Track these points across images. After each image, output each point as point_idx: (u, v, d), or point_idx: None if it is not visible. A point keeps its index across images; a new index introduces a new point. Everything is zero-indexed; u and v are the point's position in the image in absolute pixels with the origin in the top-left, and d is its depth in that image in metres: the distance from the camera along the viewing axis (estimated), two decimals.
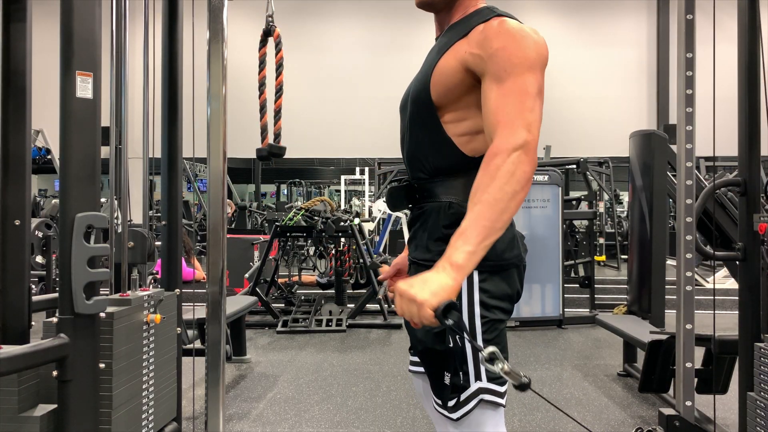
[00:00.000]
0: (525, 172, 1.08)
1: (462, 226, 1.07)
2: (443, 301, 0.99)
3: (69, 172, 1.40)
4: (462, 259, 1.04)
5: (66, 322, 1.39)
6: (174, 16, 2.09)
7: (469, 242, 1.04)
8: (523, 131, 1.10)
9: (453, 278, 1.03)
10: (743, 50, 2.28)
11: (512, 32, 1.16)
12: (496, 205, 1.06)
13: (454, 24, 1.31)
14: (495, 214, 1.06)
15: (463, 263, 1.04)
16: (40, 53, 2.08)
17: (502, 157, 1.08)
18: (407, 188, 1.35)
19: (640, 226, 4.76)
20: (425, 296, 1.00)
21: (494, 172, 1.07)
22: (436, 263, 1.06)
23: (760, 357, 2.06)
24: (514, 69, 1.13)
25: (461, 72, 1.21)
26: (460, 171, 1.25)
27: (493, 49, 1.15)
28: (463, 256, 1.04)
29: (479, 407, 1.21)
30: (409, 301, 1.02)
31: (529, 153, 1.09)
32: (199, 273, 6.59)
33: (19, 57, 1.61)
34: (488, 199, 1.06)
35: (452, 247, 1.06)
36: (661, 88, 11.48)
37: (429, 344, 1.24)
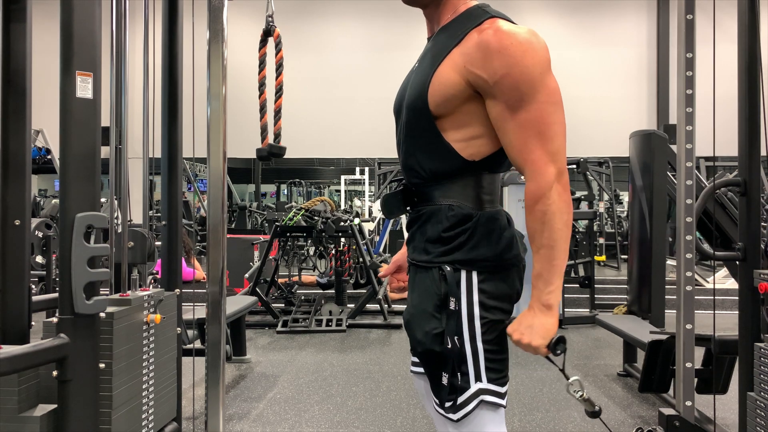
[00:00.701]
0: (566, 201, 1.16)
1: (536, 270, 1.18)
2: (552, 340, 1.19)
3: (69, 172, 1.40)
4: (550, 300, 1.18)
5: (66, 322, 1.39)
6: (174, 16, 2.09)
7: (550, 283, 1.18)
8: (550, 166, 1.15)
9: (551, 316, 1.19)
10: (743, 50, 2.27)
11: (511, 49, 1.13)
12: (556, 244, 1.16)
13: (445, 25, 1.29)
14: (559, 251, 1.17)
15: (552, 302, 1.19)
16: (40, 53, 2.08)
17: (543, 202, 1.15)
18: (404, 192, 1.34)
19: (640, 226, 4.76)
20: (538, 342, 1.18)
21: (542, 218, 1.16)
22: (530, 305, 1.20)
23: (760, 357, 2.06)
24: (524, 97, 1.14)
25: (462, 85, 1.19)
26: (459, 175, 1.25)
27: (498, 75, 1.14)
28: (550, 296, 1.18)
29: (480, 408, 1.21)
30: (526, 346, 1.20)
31: (561, 181, 1.16)
32: (199, 273, 6.59)
33: (19, 57, 1.62)
34: (548, 243, 1.16)
35: (537, 290, 1.19)
36: (661, 88, 11.47)
37: (428, 345, 1.24)
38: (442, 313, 1.23)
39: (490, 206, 1.26)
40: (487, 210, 1.25)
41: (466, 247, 1.22)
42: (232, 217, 12.73)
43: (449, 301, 1.21)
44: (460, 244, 1.22)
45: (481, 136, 1.22)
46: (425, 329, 1.24)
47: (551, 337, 1.18)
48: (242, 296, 4.97)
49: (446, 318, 1.22)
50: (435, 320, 1.23)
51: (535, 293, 1.19)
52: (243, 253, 6.89)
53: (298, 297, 6.10)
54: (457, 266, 1.22)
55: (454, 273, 1.22)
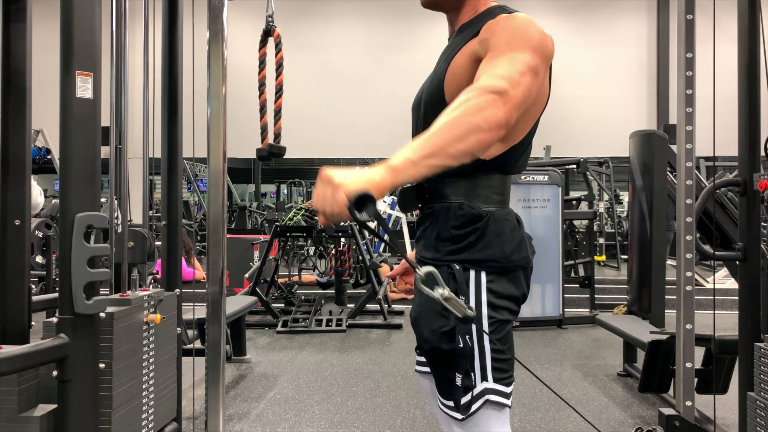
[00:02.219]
0: (495, 116, 1.03)
1: (414, 140, 1.03)
2: (361, 189, 0.92)
3: (69, 172, 1.40)
4: (398, 162, 0.99)
5: (66, 322, 1.39)
6: (174, 16, 2.08)
7: (413, 151, 1.00)
8: (505, 82, 1.06)
9: (381, 175, 0.97)
10: (743, 50, 2.27)
11: (519, 19, 1.18)
12: (453, 128, 1.01)
13: (465, 24, 1.31)
14: (450, 136, 1.01)
15: (398, 166, 0.99)
16: (40, 53, 2.08)
17: (475, 93, 1.05)
18: (417, 188, 1.35)
19: (640, 226, 4.76)
20: (343, 180, 0.94)
21: (463, 102, 1.04)
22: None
23: (760, 357, 2.06)
24: (513, 41, 1.14)
25: (472, 67, 1.20)
26: (471, 173, 1.25)
27: (498, 28, 1.17)
28: (402, 160, 0.99)
29: (485, 408, 1.21)
30: (325, 183, 0.96)
31: (506, 104, 1.04)
32: (199, 273, 6.59)
33: (19, 57, 1.61)
34: (447, 121, 1.02)
35: (396, 154, 1.01)
36: (661, 88, 11.48)
37: (435, 343, 1.24)
38: (450, 312, 1.23)
39: (501, 206, 1.27)
40: (497, 210, 1.25)
41: (475, 247, 1.22)
42: (232, 217, 12.73)
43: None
44: (470, 244, 1.22)
45: None
46: (432, 327, 1.24)
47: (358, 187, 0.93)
48: (242, 296, 4.97)
49: (455, 317, 1.22)
50: (443, 318, 1.23)
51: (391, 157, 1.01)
52: (243, 253, 6.89)
53: (298, 297, 6.10)
54: (466, 265, 1.22)
55: (463, 272, 1.22)
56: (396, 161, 0.99)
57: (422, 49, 10.64)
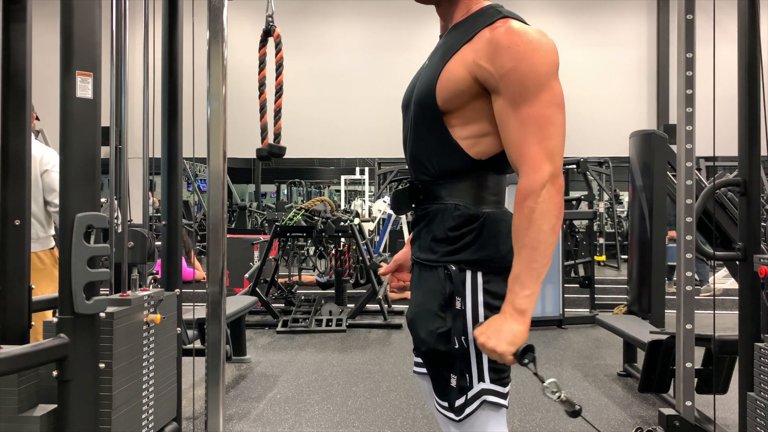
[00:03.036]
0: (556, 204, 1.13)
1: (515, 271, 1.14)
2: (520, 347, 1.12)
3: (69, 172, 1.40)
4: (524, 305, 1.12)
5: (66, 322, 1.39)
6: (174, 16, 2.08)
7: (526, 287, 1.12)
8: (546, 164, 1.13)
9: (522, 323, 1.12)
10: (743, 50, 2.27)
11: (521, 46, 1.13)
12: (539, 246, 1.12)
13: (458, 23, 1.29)
14: (541, 254, 1.12)
15: (526, 307, 1.13)
16: (40, 53, 2.08)
17: (533, 198, 1.12)
18: (411, 190, 1.34)
19: (640, 226, 4.76)
20: (503, 348, 1.11)
21: (530, 215, 1.12)
22: (502, 309, 1.15)
23: (760, 357, 2.06)
24: (528, 93, 1.13)
25: (469, 81, 1.19)
26: (465, 174, 1.24)
27: (505, 69, 1.13)
28: (525, 301, 1.12)
29: (482, 408, 1.21)
30: (490, 351, 1.13)
31: (555, 183, 1.13)
32: (199, 273, 6.59)
33: (19, 57, 1.61)
34: (532, 243, 1.12)
35: (512, 293, 1.14)
36: (661, 88, 11.47)
37: (432, 344, 1.24)
38: (447, 313, 1.22)
39: (496, 207, 1.26)
40: (493, 211, 1.24)
41: (472, 247, 1.22)
42: (232, 217, 12.73)
43: (454, 301, 1.21)
44: (466, 245, 1.22)
45: (488, 135, 1.22)
46: (429, 328, 1.24)
47: (519, 345, 1.11)
48: (242, 296, 4.97)
49: (452, 318, 1.21)
50: (439, 319, 1.23)
51: (509, 296, 1.14)
52: (243, 253, 6.89)
53: (298, 297, 6.09)
54: (462, 266, 1.22)
55: (459, 273, 1.22)
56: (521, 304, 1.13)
57: (423, 49, 10.58)
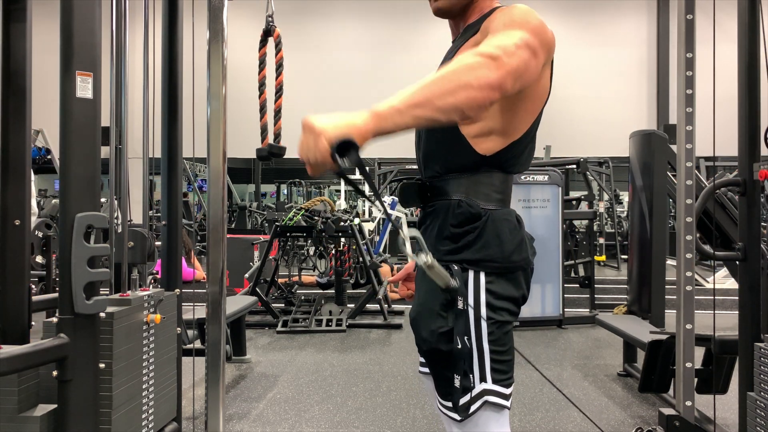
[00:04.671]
0: (486, 76, 1.00)
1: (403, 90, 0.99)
2: (343, 135, 0.90)
3: (69, 172, 1.40)
4: (383, 109, 0.96)
5: (66, 322, 1.39)
6: (174, 16, 2.09)
7: (400, 100, 0.97)
8: (498, 50, 1.03)
9: (364, 120, 0.94)
10: (743, 50, 2.27)
11: (519, 7, 1.19)
12: (443, 82, 0.98)
13: (470, 24, 1.32)
14: (438, 89, 0.98)
15: (382, 112, 0.96)
16: (40, 53, 2.08)
17: (468, 55, 1.03)
18: (419, 186, 1.35)
19: (640, 226, 4.76)
20: (325, 126, 0.92)
21: (456, 63, 1.02)
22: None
23: (760, 357, 2.06)
24: (511, 23, 1.14)
25: None
26: (472, 170, 1.25)
27: (496, 16, 1.20)
28: (387, 107, 0.97)
29: (483, 409, 1.21)
30: (307, 131, 0.93)
31: (499, 68, 1.01)
32: (199, 273, 6.59)
33: (19, 57, 1.61)
34: (437, 77, 0.99)
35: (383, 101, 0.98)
36: (661, 88, 11.47)
37: (434, 344, 1.24)
38: (449, 313, 1.22)
39: (501, 206, 1.26)
40: (497, 209, 1.25)
41: (474, 246, 1.22)
42: (232, 217, 12.73)
43: (456, 300, 1.21)
44: (468, 243, 1.22)
45: (495, 131, 1.23)
46: (431, 328, 1.24)
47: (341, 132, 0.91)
48: (242, 296, 4.97)
49: (454, 317, 1.21)
50: (441, 319, 1.23)
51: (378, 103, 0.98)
52: (243, 253, 6.89)
53: (298, 297, 6.09)
54: (465, 266, 1.22)
55: (462, 272, 1.21)
56: (381, 108, 0.96)
57: (423, 49, 10.65)
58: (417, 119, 0.97)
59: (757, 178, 2.13)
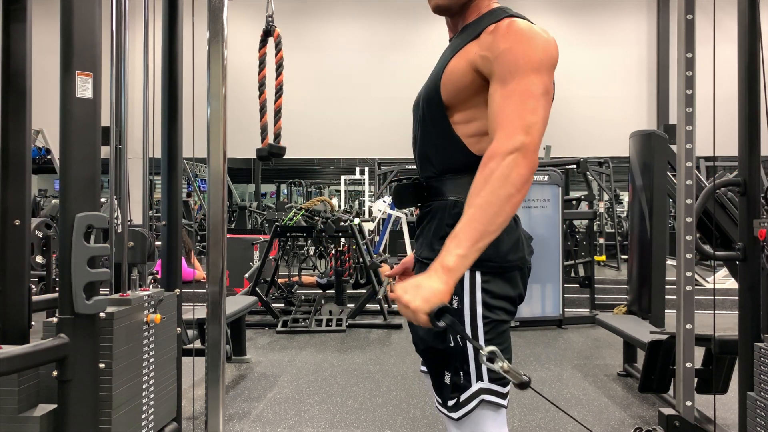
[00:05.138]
0: (521, 175, 1.07)
1: (455, 229, 1.08)
2: (435, 306, 1.02)
3: (69, 172, 1.40)
4: (453, 262, 1.05)
5: (66, 322, 1.39)
6: (174, 16, 2.09)
7: (461, 245, 1.06)
8: (520, 134, 1.09)
9: (444, 282, 1.04)
10: (743, 50, 2.27)
11: (520, 33, 1.16)
12: (488, 208, 1.06)
13: (467, 25, 1.31)
14: (487, 217, 1.06)
15: (454, 266, 1.05)
16: (40, 53, 2.08)
17: (497, 160, 1.08)
18: (415, 187, 1.35)
19: (640, 226, 4.76)
20: (417, 303, 1.03)
21: (488, 176, 1.08)
22: (429, 266, 1.09)
23: (760, 357, 2.06)
24: (519, 70, 1.14)
25: (470, 73, 1.21)
26: (468, 170, 1.25)
27: (500, 50, 1.16)
28: (455, 259, 1.05)
29: (480, 407, 1.21)
30: (403, 307, 1.05)
31: (527, 155, 1.08)
32: (199, 273, 6.59)
33: (19, 57, 1.62)
34: (481, 203, 1.07)
35: (445, 250, 1.07)
36: (661, 88, 11.47)
37: (430, 343, 1.24)
38: None
39: None
40: None
41: None
42: (232, 217, 12.73)
43: (452, 300, 1.21)
44: None
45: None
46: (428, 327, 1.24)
47: (435, 304, 1.02)
48: (242, 296, 4.97)
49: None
50: None
51: (441, 253, 1.07)
52: (243, 253, 6.89)
53: (298, 297, 6.09)
54: None
55: None
56: (449, 261, 1.05)
57: (422, 49, 10.64)
58: (480, 250, 1.07)
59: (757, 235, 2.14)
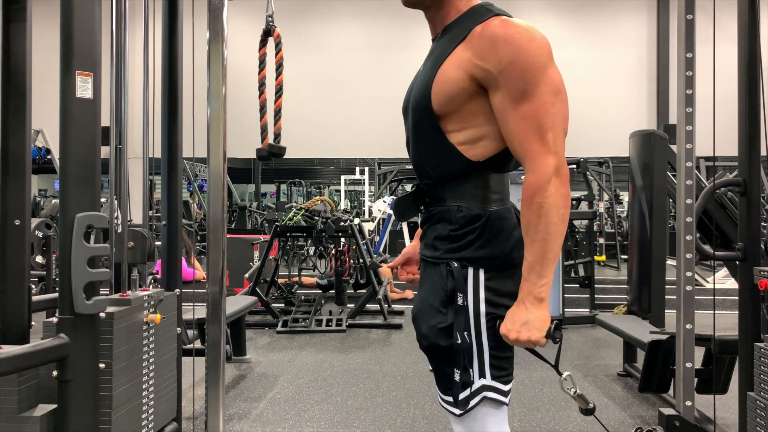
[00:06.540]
0: (563, 195, 1.14)
1: (529, 262, 1.16)
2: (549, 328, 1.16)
3: (69, 172, 1.40)
4: (543, 293, 1.16)
5: (66, 322, 1.39)
6: (174, 16, 2.09)
7: (543, 276, 1.15)
8: (549, 158, 1.14)
9: (544, 308, 1.16)
10: (743, 50, 2.27)
11: (517, 37, 1.14)
12: (551, 237, 1.14)
13: (449, 25, 1.29)
14: (553, 244, 1.15)
15: (544, 296, 1.16)
16: (40, 53, 2.08)
17: (540, 194, 1.13)
18: (416, 193, 1.35)
19: (640, 226, 4.76)
20: (538, 336, 1.15)
21: (539, 211, 1.14)
22: (519, 299, 1.17)
23: (760, 357, 2.06)
24: (528, 86, 1.14)
25: (465, 81, 1.19)
26: (466, 176, 1.25)
27: (504, 63, 1.14)
28: (543, 289, 1.16)
29: (482, 404, 1.22)
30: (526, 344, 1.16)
31: (561, 174, 1.14)
32: (199, 273, 6.59)
33: (19, 57, 1.62)
34: (543, 236, 1.14)
35: (530, 283, 1.16)
36: (661, 88, 11.47)
37: (434, 339, 1.25)
38: (449, 309, 1.23)
39: (499, 204, 1.26)
40: (495, 208, 1.25)
41: (474, 245, 1.22)
42: (232, 217, 12.73)
43: (456, 297, 1.22)
44: (469, 243, 1.23)
45: (485, 137, 1.23)
46: (430, 323, 1.25)
47: (548, 328, 1.16)
48: (242, 296, 4.97)
49: (453, 313, 1.22)
50: (441, 315, 1.24)
51: (526, 287, 1.16)
52: (243, 253, 6.89)
53: (298, 297, 6.09)
54: (464, 263, 1.22)
55: (461, 269, 1.22)
56: (539, 292, 1.16)
57: (423, 49, 10.56)
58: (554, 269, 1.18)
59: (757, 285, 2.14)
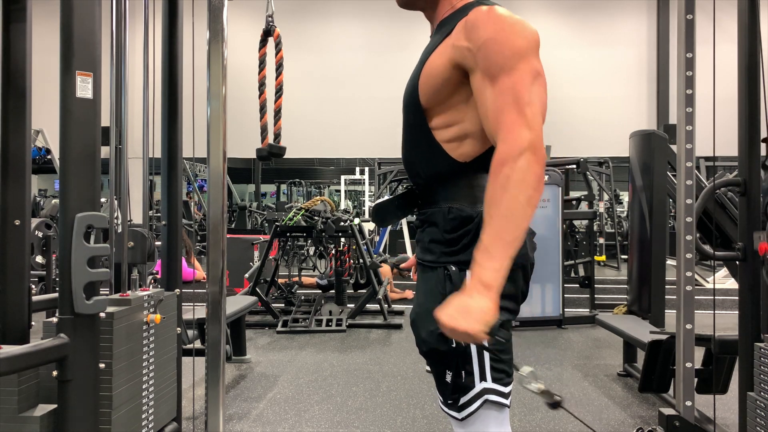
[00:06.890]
0: (535, 173, 1.05)
1: (483, 242, 1.06)
2: (492, 323, 1.03)
3: (69, 172, 1.41)
4: (492, 279, 1.05)
5: (66, 322, 1.39)
6: (174, 16, 2.09)
7: (494, 259, 1.05)
8: (525, 131, 1.07)
9: (489, 298, 1.04)
10: (743, 50, 2.27)
11: (499, 19, 1.13)
12: (513, 216, 1.05)
13: (443, 21, 1.29)
14: (513, 225, 1.05)
15: (493, 282, 1.05)
16: (40, 53, 2.08)
17: (509, 165, 1.05)
18: (404, 196, 1.34)
19: (640, 226, 4.76)
20: (476, 327, 1.02)
21: (505, 183, 1.05)
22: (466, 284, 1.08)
23: (760, 357, 2.06)
24: (506, 62, 1.10)
25: (448, 69, 1.18)
26: (455, 176, 1.24)
27: (482, 40, 1.12)
28: (492, 274, 1.05)
29: (484, 407, 1.21)
30: (462, 335, 1.04)
31: (536, 151, 1.06)
32: (199, 273, 6.59)
33: (19, 57, 1.62)
34: (504, 213, 1.05)
35: (479, 266, 1.06)
36: (661, 88, 11.48)
37: (433, 344, 1.24)
38: None
39: None
40: None
41: (470, 248, 1.20)
42: (232, 217, 12.73)
43: None
44: (464, 246, 1.21)
45: (469, 136, 1.22)
46: (430, 328, 1.23)
47: (491, 323, 1.02)
48: (242, 296, 4.97)
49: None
50: None
51: (475, 269, 1.06)
52: (243, 253, 6.89)
53: (298, 297, 6.10)
54: (462, 266, 1.21)
55: (459, 273, 1.21)
56: (487, 277, 1.04)
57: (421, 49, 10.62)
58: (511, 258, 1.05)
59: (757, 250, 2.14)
